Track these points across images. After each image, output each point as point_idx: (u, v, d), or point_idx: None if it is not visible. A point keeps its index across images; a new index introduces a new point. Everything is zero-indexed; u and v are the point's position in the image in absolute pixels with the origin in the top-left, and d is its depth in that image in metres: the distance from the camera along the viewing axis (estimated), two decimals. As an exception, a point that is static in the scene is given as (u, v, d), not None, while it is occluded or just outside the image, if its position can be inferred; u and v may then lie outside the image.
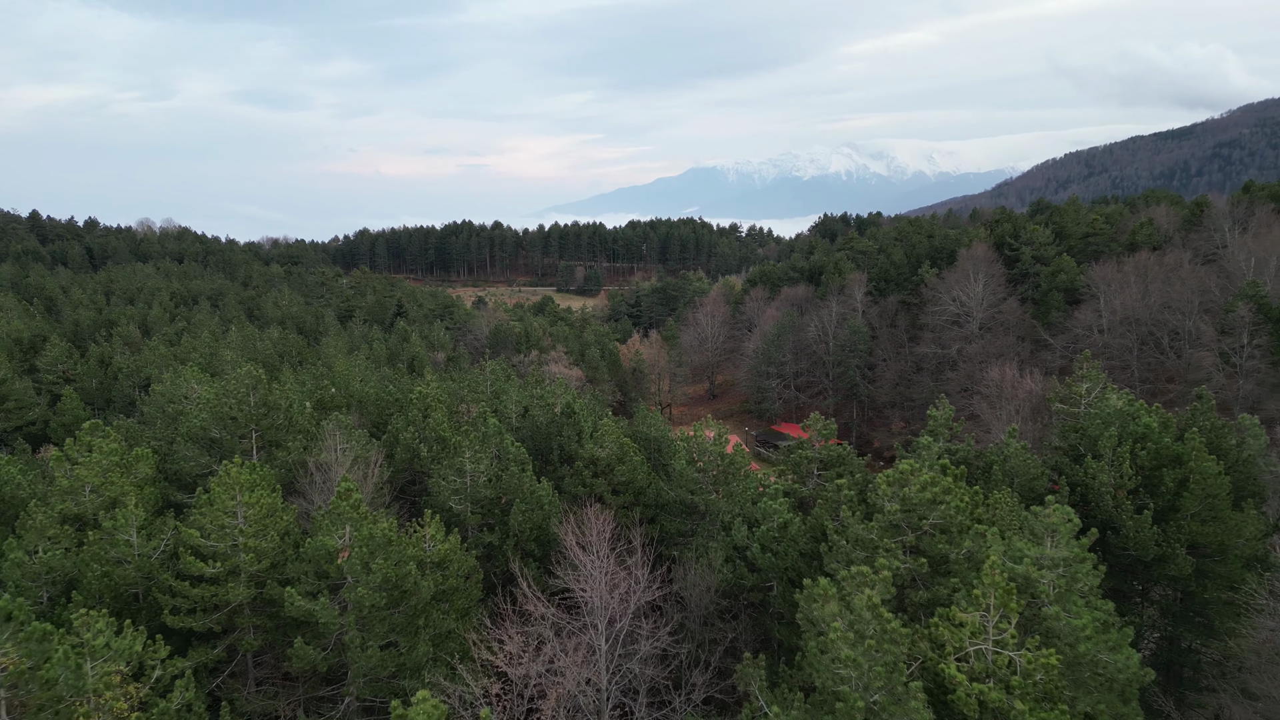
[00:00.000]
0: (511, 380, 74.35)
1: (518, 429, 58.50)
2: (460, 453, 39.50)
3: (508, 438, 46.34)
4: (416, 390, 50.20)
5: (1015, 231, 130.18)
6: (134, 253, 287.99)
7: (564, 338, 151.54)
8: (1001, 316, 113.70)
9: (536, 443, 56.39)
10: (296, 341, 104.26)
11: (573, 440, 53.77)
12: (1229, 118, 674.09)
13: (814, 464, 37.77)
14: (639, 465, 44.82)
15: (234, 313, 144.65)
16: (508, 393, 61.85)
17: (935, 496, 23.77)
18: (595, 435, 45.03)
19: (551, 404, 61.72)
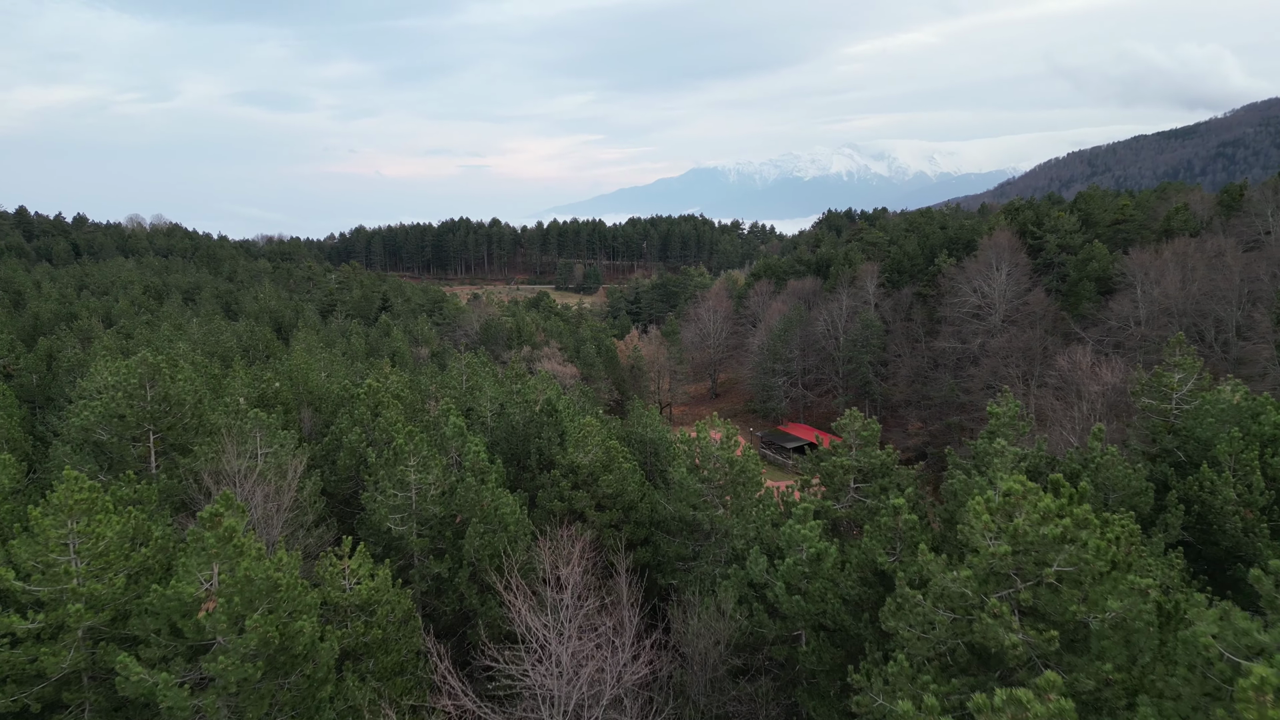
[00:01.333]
0: (491, 374, 66.22)
1: (493, 429, 50.34)
2: (403, 459, 31.33)
3: (472, 440, 38.13)
4: (365, 383, 42.03)
5: (1038, 219, 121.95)
6: (121, 249, 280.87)
7: (558, 333, 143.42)
8: (1027, 308, 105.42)
9: (512, 446, 48.22)
10: (265, 335, 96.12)
11: (554, 443, 45.59)
12: (1232, 117, 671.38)
13: (851, 474, 29.63)
14: (629, 474, 36.71)
15: (210, 307, 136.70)
16: (483, 388, 53.66)
17: (1064, 532, 15.72)
18: (575, 438, 36.81)
19: (532, 400, 53.64)
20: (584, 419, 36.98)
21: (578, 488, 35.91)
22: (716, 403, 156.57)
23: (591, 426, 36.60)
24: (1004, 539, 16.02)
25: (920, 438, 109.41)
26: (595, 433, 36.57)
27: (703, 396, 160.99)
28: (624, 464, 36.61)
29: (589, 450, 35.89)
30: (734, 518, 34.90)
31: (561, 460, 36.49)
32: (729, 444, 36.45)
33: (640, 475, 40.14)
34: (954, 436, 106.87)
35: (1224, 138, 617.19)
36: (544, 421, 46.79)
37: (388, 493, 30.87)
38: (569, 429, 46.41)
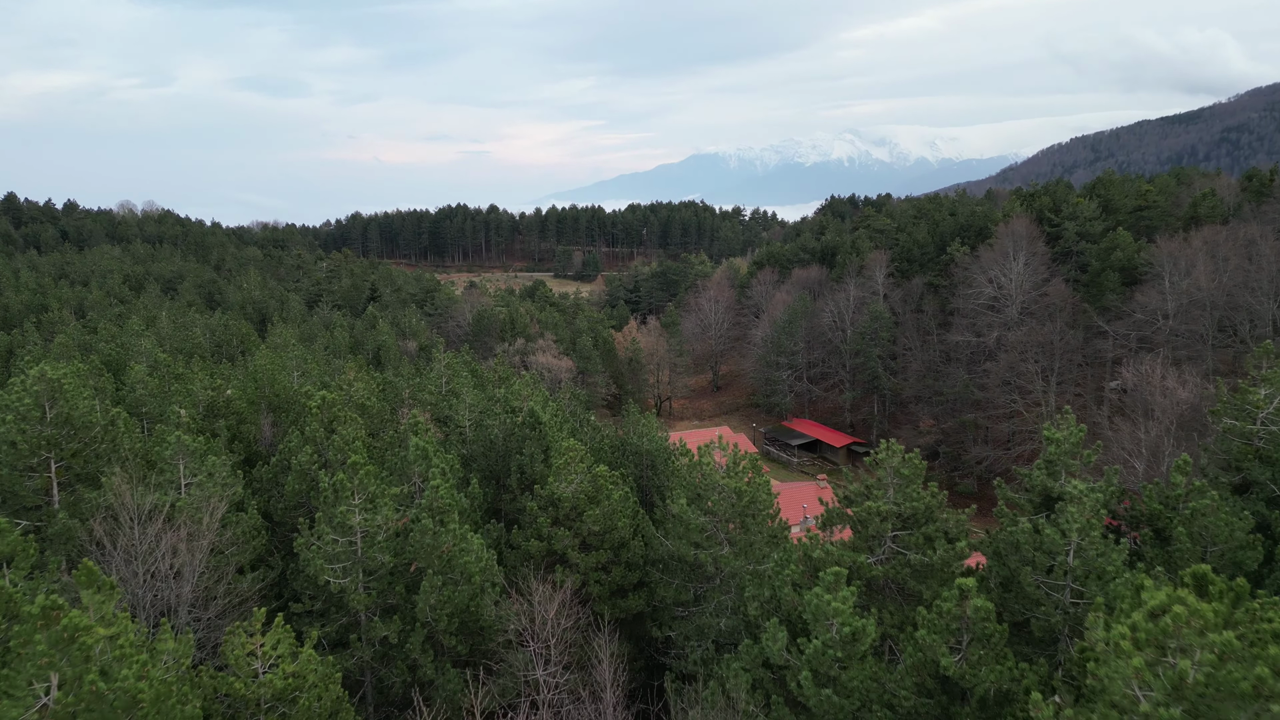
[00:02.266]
0: (472, 376, 60.79)
1: (471, 442, 44.98)
2: (344, 498, 25.99)
3: (437, 465, 32.80)
4: (319, 394, 36.64)
5: (1055, 205, 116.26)
6: (110, 236, 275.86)
7: (553, 325, 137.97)
8: (1046, 300, 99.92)
9: (491, 463, 42.89)
10: (240, 329, 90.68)
11: (537, 459, 40.26)
12: (1236, 102, 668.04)
13: (889, 522, 24.28)
14: (619, 507, 31.35)
15: (190, 297, 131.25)
16: (461, 394, 48.25)
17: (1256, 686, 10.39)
18: (557, 465, 31.38)
19: (517, 407, 48.25)
20: (567, 441, 31.62)
21: (559, 524, 30.61)
22: (718, 396, 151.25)
23: (575, 451, 31.24)
24: (1163, 692, 10.80)
25: (932, 436, 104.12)
26: (579, 458, 31.23)
27: (704, 390, 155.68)
28: (613, 494, 31.33)
29: (571, 479, 30.60)
30: (741, 559, 29.55)
31: (540, 490, 31.14)
32: (737, 469, 31.08)
33: (634, 502, 34.82)
34: (968, 435, 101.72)
35: (1228, 123, 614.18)
36: (526, 435, 41.45)
37: (326, 538, 25.58)
38: (554, 446, 41.06)
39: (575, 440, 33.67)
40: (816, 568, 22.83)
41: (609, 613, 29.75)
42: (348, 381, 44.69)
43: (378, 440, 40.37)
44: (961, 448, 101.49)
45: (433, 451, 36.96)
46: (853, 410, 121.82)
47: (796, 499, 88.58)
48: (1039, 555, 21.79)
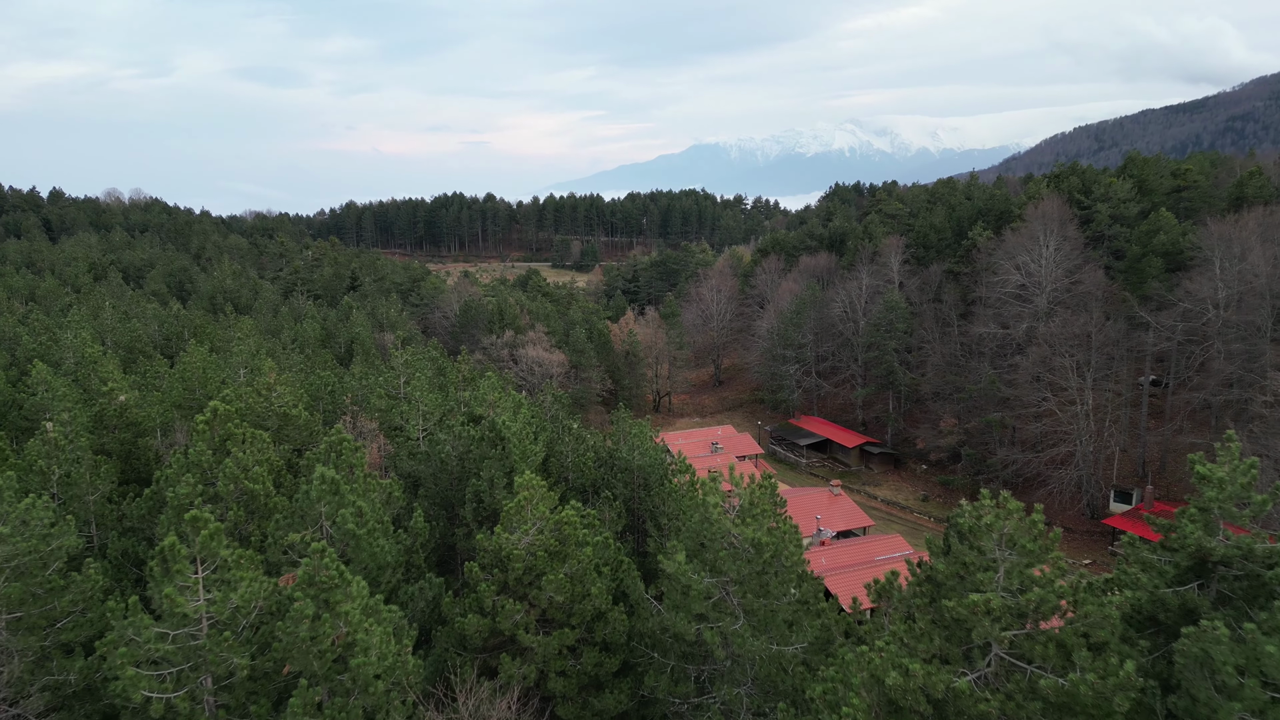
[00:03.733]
0: (434, 375, 52.30)
1: (421, 462, 36.57)
2: (175, 574, 17.54)
3: (356, 501, 24.45)
4: (210, 405, 28.28)
5: (1085, 186, 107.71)
6: (94, 224, 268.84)
7: (545, 315, 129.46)
8: (1080, 288, 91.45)
9: (443, 487, 34.46)
10: (194, 320, 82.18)
11: (499, 486, 32.01)
12: (1241, 91, 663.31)
13: (1000, 622, 15.56)
14: (593, 565, 22.91)
15: (156, 285, 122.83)
16: (413, 398, 39.80)
17: None
18: (508, 511, 22.78)
19: (481, 416, 39.97)
20: (524, 475, 23.11)
21: (509, 592, 22.18)
22: (720, 391, 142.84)
23: (533, 489, 22.76)
24: None
25: (954, 436, 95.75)
26: (539, 497, 22.80)
27: (705, 384, 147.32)
28: (585, 548, 22.91)
29: (527, 528, 22.19)
30: (759, 638, 21.17)
31: (485, 542, 22.65)
32: (753, 511, 22.65)
33: (615, 550, 26.42)
34: (994, 435, 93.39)
35: (1233, 111, 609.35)
36: (486, 454, 33.07)
37: (145, 635, 17.20)
38: (519, 467, 32.67)
39: (534, 474, 25.18)
40: (892, 700, 14.57)
41: (578, 717, 21.46)
42: (266, 386, 36.39)
43: (304, 461, 31.93)
44: (987, 449, 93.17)
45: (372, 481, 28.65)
46: (865, 407, 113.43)
47: (808, 507, 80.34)
48: (1250, 689, 13.39)
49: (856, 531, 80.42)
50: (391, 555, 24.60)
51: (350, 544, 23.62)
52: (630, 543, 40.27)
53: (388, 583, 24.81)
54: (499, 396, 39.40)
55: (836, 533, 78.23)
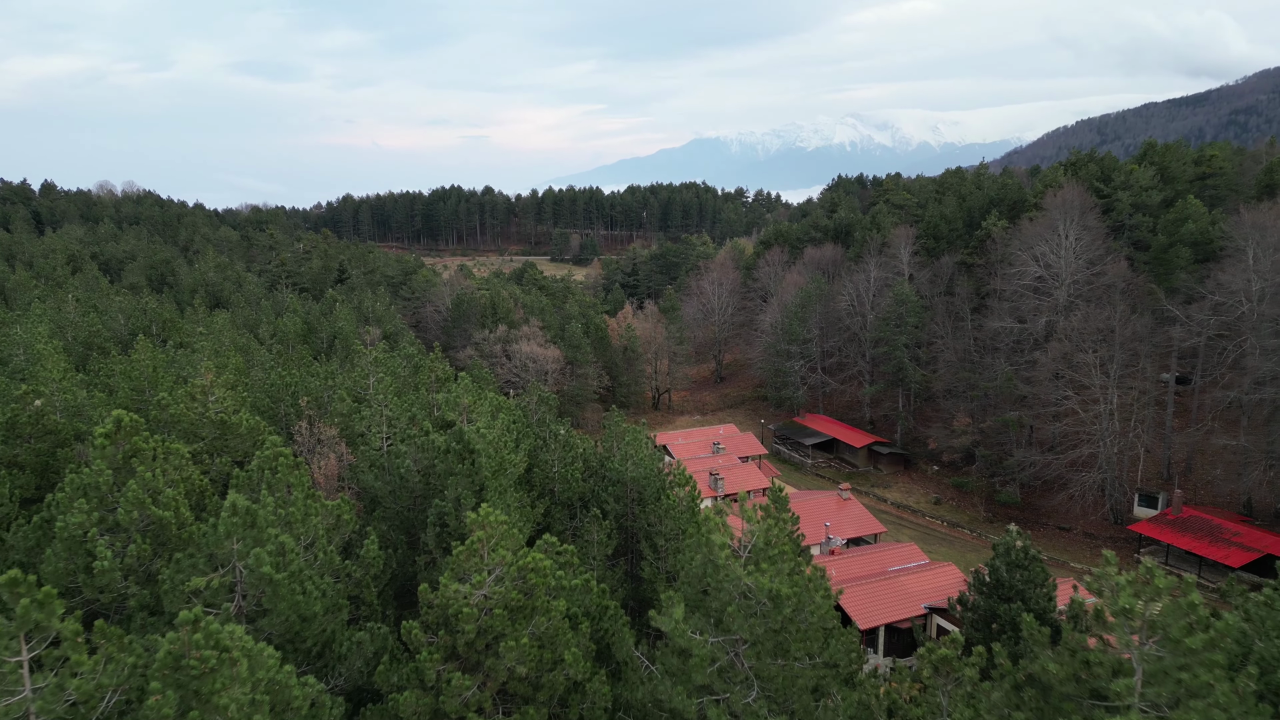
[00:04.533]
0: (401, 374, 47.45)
1: (383, 474, 31.84)
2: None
3: (271, 544, 19.74)
4: (114, 415, 23.54)
5: (1104, 174, 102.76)
6: (84, 216, 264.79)
7: (540, 309, 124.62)
8: (1102, 280, 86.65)
9: (403, 507, 29.72)
10: (164, 314, 77.37)
11: (466, 507, 27.33)
12: (1244, 84, 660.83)
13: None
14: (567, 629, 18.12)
15: (135, 277, 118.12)
16: (375, 401, 35.00)
17: None
18: (458, 556, 17.87)
19: (452, 422, 35.38)
20: (482, 510, 18.25)
21: (457, 660, 17.30)
22: (721, 388, 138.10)
23: (491, 527, 17.89)
24: None
25: (968, 436, 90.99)
26: (499, 537, 17.97)
27: (706, 381, 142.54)
28: (559, 599, 18.13)
29: (483, 577, 17.36)
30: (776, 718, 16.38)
31: (428, 597, 17.73)
32: (769, 553, 17.87)
33: (597, 595, 21.65)
34: (1011, 435, 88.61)
35: (1236, 105, 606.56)
36: (453, 468, 28.39)
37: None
38: (490, 485, 27.97)
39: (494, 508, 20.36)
40: None
41: None
42: (201, 389, 31.60)
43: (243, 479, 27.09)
44: (1003, 450, 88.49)
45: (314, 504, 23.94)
46: (873, 405, 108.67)
47: (816, 512, 75.55)
48: None
49: (867, 539, 75.71)
50: (321, 604, 19.86)
51: (266, 592, 18.87)
52: (622, 567, 35.52)
53: (317, 636, 20.09)
54: (474, 400, 34.61)
55: (846, 540, 73.56)
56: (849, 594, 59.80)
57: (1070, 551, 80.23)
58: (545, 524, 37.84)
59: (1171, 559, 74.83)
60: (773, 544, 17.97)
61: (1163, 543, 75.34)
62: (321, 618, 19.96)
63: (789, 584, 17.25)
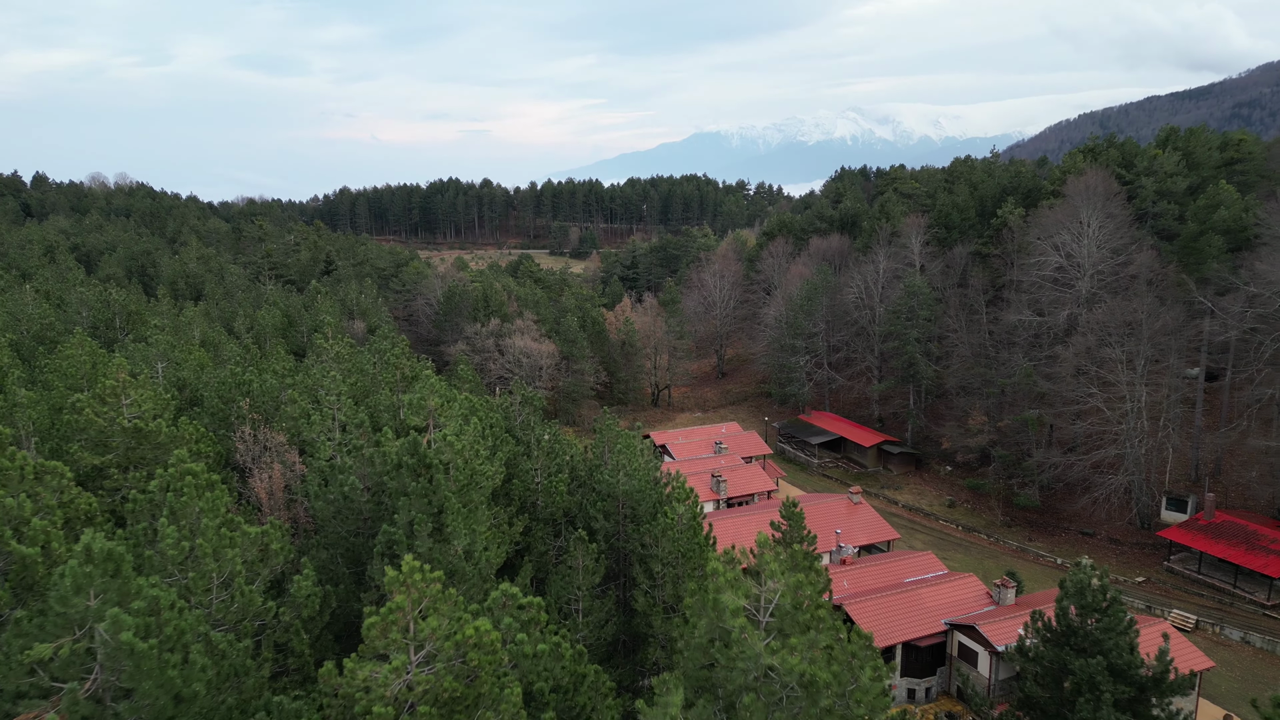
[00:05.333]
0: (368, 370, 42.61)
1: (324, 492, 27.05)
2: None
3: (141, 601, 14.89)
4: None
5: (1126, 160, 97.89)
6: (75, 208, 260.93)
7: (535, 302, 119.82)
8: (1127, 270, 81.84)
9: (348, 537, 24.96)
10: (129, 305, 72.51)
11: (423, 533, 22.63)
12: (1247, 77, 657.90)
13: None
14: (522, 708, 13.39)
15: (112, 269, 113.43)
16: (325, 402, 30.20)
17: None
18: (369, 627, 13.26)
19: (421, 424, 30.68)
20: (406, 565, 13.53)
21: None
22: (723, 384, 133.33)
23: (419, 586, 13.16)
24: None
25: (984, 435, 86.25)
26: (433, 601, 13.20)
27: (707, 376, 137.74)
28: (512, 686, 13.47)
29: (403, 658, 12.65)
30: None
31: (331, 681, 13.00)
32: (802, 618, 13.08)
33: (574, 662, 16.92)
34: (1030, 434, 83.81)
35: (1239, 98, 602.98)
36: (404, 487, 23.67)
37: None
38: (448, 505, 23.27)
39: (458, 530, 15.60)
40: None
41: None
42: (111, 390, 26.78)
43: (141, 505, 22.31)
44: (1021, 450, 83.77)
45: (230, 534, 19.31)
46: (882, 403, 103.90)
47: (826, 518, 70.64)
48: None
49: (880, 546, 71.00)
50: (208, 677, 15.14)
51: (127, 666, 14.14)
52: (612, 596, 30.71)
53: (204, 713, 15.34)
54: (442, 402, 29.87)
55: (858, 548, 68.82)
56: (862, 608, 55.12)
57: (1094, 559, 75.38)
58: (525, 544, 33.05)
59: (1204, 567, 70.17)
60: (803, 606, 13.22)
61: (1194, 550, 70.66)
62: (209, 695, 15.19)
63: (827, 664, 12.50)
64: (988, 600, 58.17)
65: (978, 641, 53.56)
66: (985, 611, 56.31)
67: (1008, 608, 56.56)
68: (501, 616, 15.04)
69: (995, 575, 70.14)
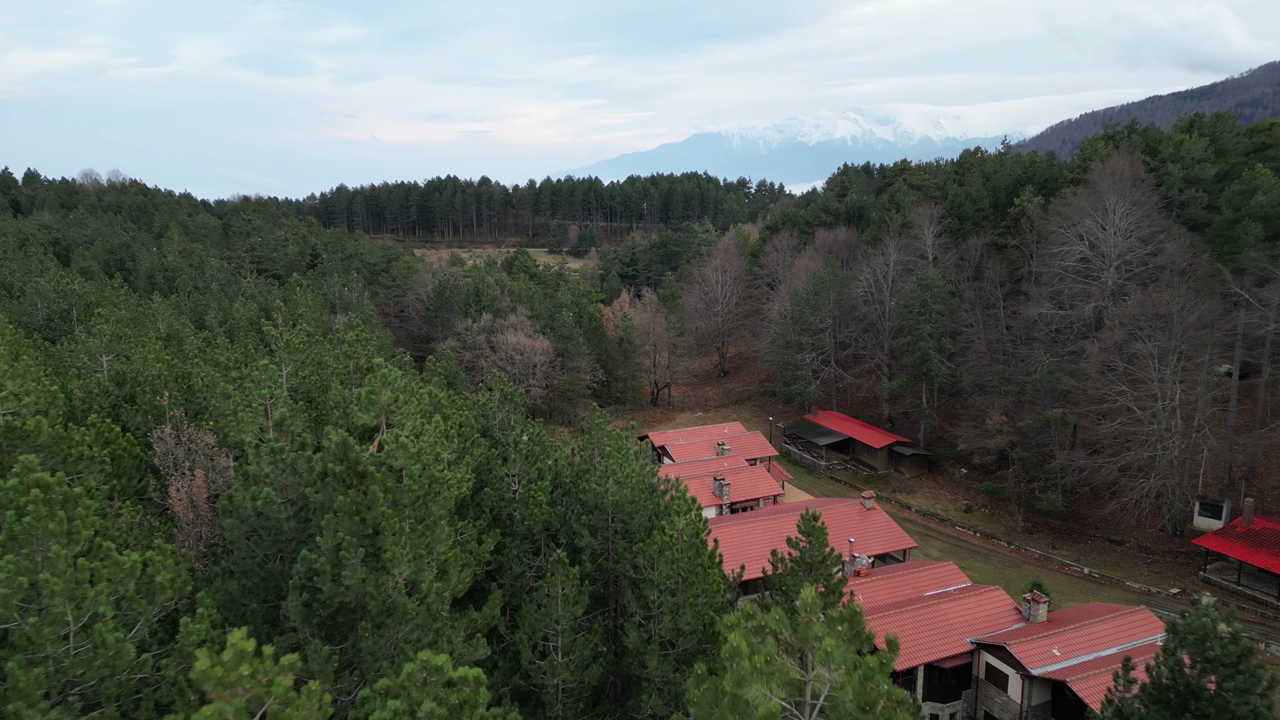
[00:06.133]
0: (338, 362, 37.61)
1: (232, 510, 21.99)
2: None
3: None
4: None
5: (1150, 147, 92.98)
6: (64, 204, 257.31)
7: (528, 297, 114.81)
8: (1158, 260, 76.90)
9: (263, 563, 19.94)
10: (91, 297, 67.63)
11: (355, 562, 17.43)
12: (1249, 77, 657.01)
13: None
14: None
15: (85, 261, 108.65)
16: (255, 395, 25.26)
17: None
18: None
19: (372, 425, 25.79)
20: (233, 643, 8.91)
21: None
22: (725, 383, 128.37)
23: (254, 687, 8.48)
24: None
25: (1003, 435, 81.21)
26: (282, 702, 8.61)
27: (709, 374, 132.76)
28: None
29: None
30: None
31: None
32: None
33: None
34: (1053, 435, 78.84)
35: (1241, 98, 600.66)
36: (329, 502, 18.75)
37: None
38: (385, 526, 18.32)
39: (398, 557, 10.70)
40: None
41: None
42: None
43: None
44: (1043, 452, 78.82)
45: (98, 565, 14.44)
46: (893, 402, 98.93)
47: (838, 525, 65.45)
48: None
49: (896, 555, 66.04)
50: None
51: None
52: (598, 629, 25.68)
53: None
54: (397, 396, 24.94)
55: (872, 558, 63.88)
56: (880, 625, 50.20)
57: (1124, 569, 70.49)
58: (497, 565, 27.99)
59: (1244, 578, 65.22)
60: (869, 705, 8.28)
61: (1233, 559, 65.71)
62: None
63: None
64: (1017, 616, 53.18)
65: (1008, 663, 48.59)
66: (1015, 629, 51.33)
67: (1039, 625, 51.57)
68: (420, 700, 10.15)
69: (1018, 585, 65.26)
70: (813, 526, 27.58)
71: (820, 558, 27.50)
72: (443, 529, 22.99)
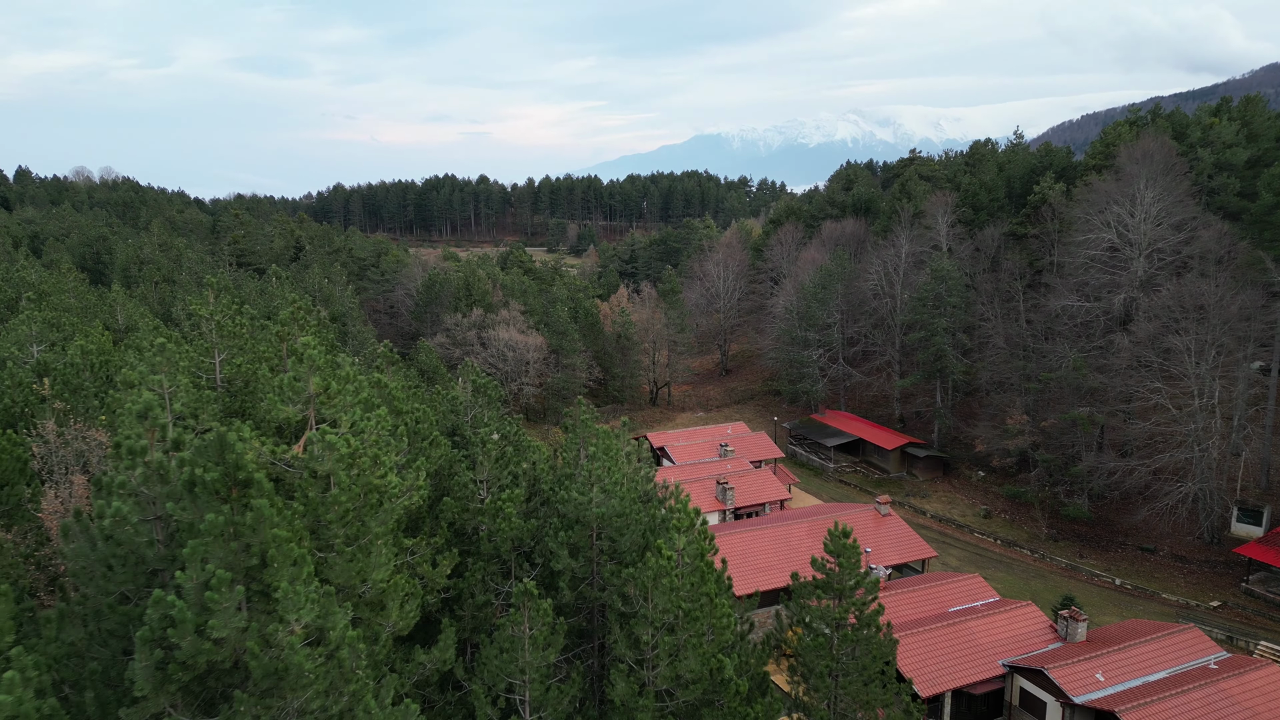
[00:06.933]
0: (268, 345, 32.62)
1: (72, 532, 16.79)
2: None
3: None
4: None
5: (1178, 132, 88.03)
6: (53, 201, 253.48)
7: (522, 292, 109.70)
8: (1191, 249, 71.90)
9: (112, 601, 14.70)
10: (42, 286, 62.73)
11: (223, 596, 12.00)
12: (1250, 78, 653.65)
13: None
14: None
15: (57, 254, 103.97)
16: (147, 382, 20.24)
17: None
18: None
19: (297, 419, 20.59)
20: None
21: None
22: (727, 381, 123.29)
23: None
24: None
25: (1024, 436, 76.12)
26: None
27: (710, 373, 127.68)
28: None
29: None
30: None
31: None
32: None
33: None
34: (1080, 436, 73.76)
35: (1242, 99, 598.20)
36: (193, 524, 13.52)
37: None
38: (281, 555, 12.89)
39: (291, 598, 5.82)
40: None
41: None
42: None
43: None
44: (1069, 454, 73.74)
45: None
46: (905, 401, 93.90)
47: (851, 533, 61.03)
48: None
49: (914, 566, 60.98)
50: None
51: None
52: (578, 677, 20.55)
53: None
54: (327, 383, 20.04)
55: (890, 568, 58.85)
56: (903, 648, 45.19)
57: (1159, 580, 65.41)
58: (456, 591, 22.80)
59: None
60: None
61: (1277, 569, 60.79)
62: None
63: None
64: (1052, 635, 48.11)
65: (1046, 689, 43.53)
66: (1052, 650, 46.26)
67: (1079, 646, 46.51)
68: None
69: (1045, 598, 60.28)
70: (843, 545, 22.62)
71: (853, 582, 22.46)
72: (381, 551, 17.97)
